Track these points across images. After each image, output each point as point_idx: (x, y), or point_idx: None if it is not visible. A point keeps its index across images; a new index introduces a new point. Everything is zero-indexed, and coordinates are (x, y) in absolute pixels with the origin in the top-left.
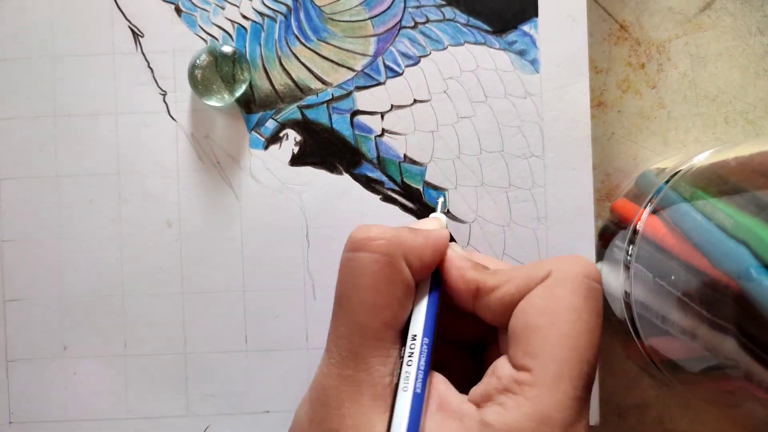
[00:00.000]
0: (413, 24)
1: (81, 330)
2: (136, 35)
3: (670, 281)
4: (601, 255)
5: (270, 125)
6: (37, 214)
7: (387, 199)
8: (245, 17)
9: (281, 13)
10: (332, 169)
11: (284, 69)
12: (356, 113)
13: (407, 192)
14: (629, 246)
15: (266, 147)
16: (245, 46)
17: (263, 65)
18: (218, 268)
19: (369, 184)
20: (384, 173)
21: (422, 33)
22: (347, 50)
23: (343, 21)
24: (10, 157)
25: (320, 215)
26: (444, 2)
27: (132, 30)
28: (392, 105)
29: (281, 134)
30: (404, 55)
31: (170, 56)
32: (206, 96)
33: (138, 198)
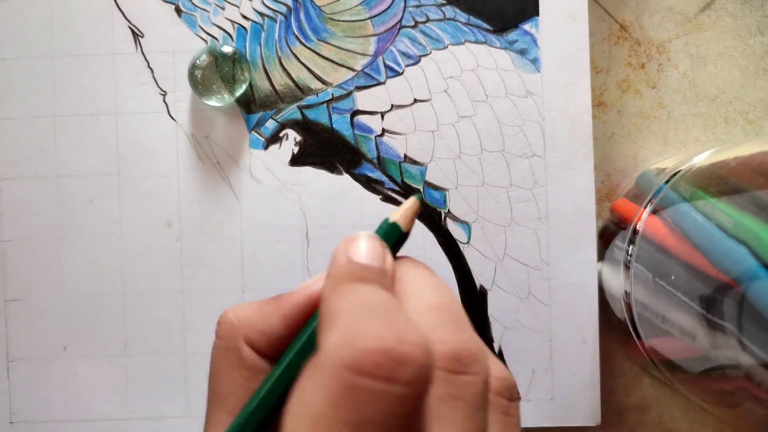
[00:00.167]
0: (413, 23)
1: (81, 330)
2: (136, 35)
3: (670, 281)
4: (601, 255)
5: (270, 125)
6: (37, 214)
7: (387, 199)
8: (245, 17)
9: (281, 13)
10: (332, 169)
11: (284, 69)
12: (356, 113)
13: (408, 192)
14: (629, 246)
15: (266, 147)
16: (245, 46)
17: (263, 65)
18: (218, 268)
19: (369, 184)
20: (384, 173)
21: (422, 32)
22: (347, 50)
23: (343, 21)
24: (10, 157)
25: (320, 215)
26: (444, 1)
27: (132, 30)
28: (392, 105)
29: (281, 134)
30: (404, 55)
31: (170, 56)
32: (206, 96)
33: (138, 198)
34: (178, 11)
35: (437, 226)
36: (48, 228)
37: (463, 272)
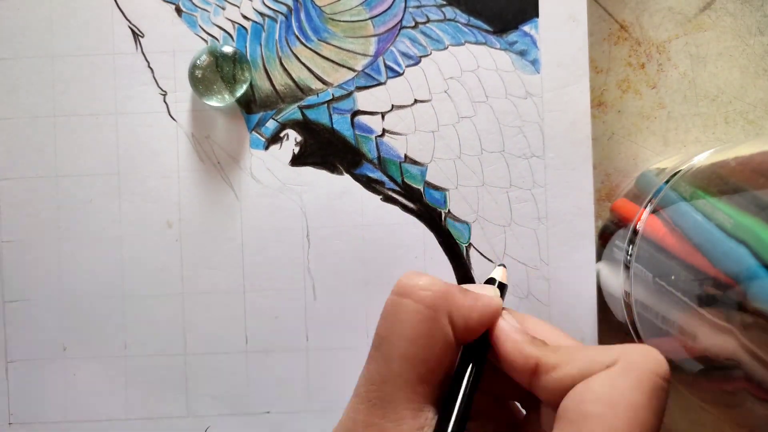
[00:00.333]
0: (414, 24)
1: (81, 331)
2: (136, 35)
3: (670, 281)
4: (601, 255)
5: (270, 125)
6: (37, 215)
7: (387, 200)
8: (246, 17)
9: (282, 14)
10: (333, 170)
11: (285, 69)
12: (357, 113)
13: (408, 192)
14: (629, 246)
15: (267, 147)
16: (246, 47)
17: (264, 65)
18: (218, 269)
19: (369, 185)
20: (385, 173)
21: (423, 33)
22: (348, 50)
23: (344, 21)
24: (10, 157)
25: (321, 215)
26: (445, 2)
27: (132, 30)
28: (393, 105)
29: (282, 134)
30: (405, 55)
31: (170, 56)
32: (207, 96)
33: (138, 198)
34: (179, 11)
35: (437, 226)
36: (48, 228)
37: (463, 272)
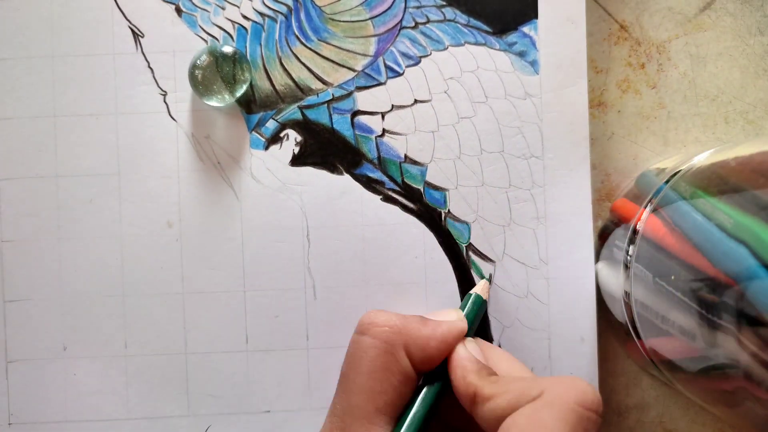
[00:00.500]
0: (414, 24)
1: (81, 330)
2: (136, 35)
3: (670, 281)
4: (601, 255)
5: (270, 125)
6: (37, 214)
7: (387, 200)
8: (246, 17)
9: (282, 14)
10: (333, 170)
11: (285, 69)
12: (357, 113)
13: (408, 192)
14: (629, 246)
15: (267, 147)
16: (246, 47)
17: (264, 65)
18: (219, 268)
19: (369, 185)
20: (384, 173)
21: (423, 33)
22: (348, 50)
23: (344, 21)
24: (10, 157)
25: (321, 215)
26: (444, 3)
27: (132, 30)
28: (393, 105)
29: (282, 134)
30: (405, 56)
31: (170, 56)
32: (207, 96)
33: (138, 198)
34: (179, 11)
35: (437, 226)
36: (48, 228)
37: (463, 272)
